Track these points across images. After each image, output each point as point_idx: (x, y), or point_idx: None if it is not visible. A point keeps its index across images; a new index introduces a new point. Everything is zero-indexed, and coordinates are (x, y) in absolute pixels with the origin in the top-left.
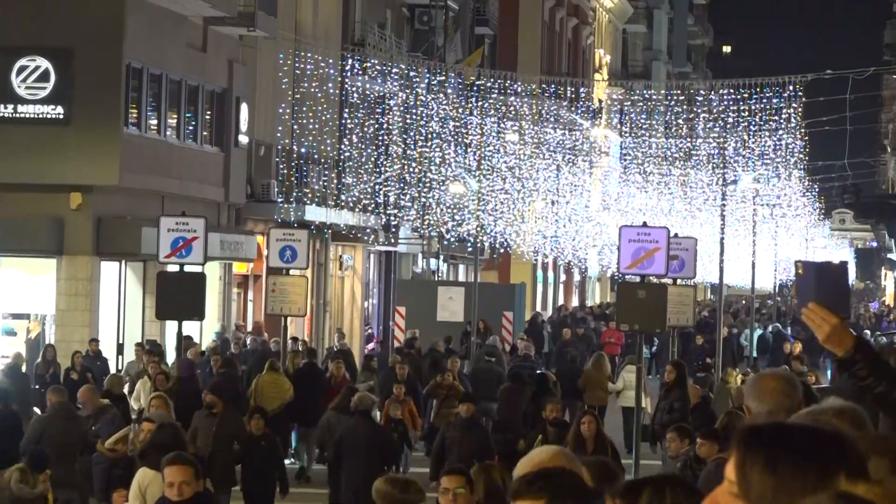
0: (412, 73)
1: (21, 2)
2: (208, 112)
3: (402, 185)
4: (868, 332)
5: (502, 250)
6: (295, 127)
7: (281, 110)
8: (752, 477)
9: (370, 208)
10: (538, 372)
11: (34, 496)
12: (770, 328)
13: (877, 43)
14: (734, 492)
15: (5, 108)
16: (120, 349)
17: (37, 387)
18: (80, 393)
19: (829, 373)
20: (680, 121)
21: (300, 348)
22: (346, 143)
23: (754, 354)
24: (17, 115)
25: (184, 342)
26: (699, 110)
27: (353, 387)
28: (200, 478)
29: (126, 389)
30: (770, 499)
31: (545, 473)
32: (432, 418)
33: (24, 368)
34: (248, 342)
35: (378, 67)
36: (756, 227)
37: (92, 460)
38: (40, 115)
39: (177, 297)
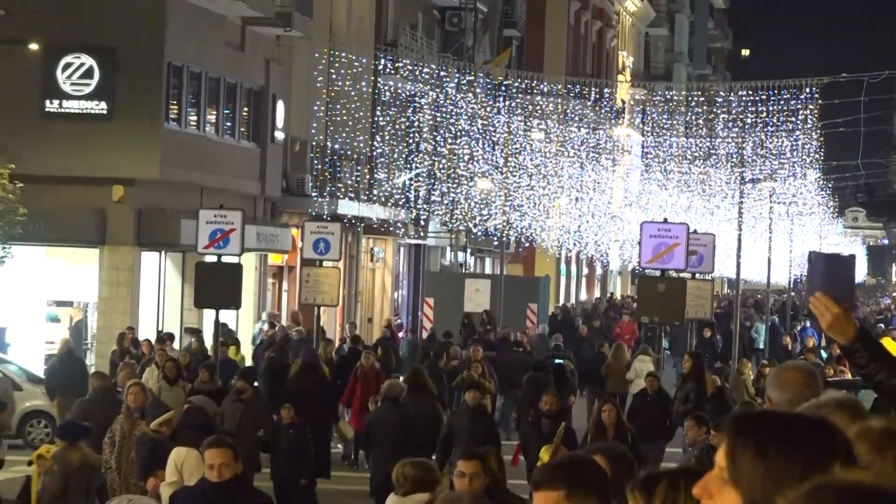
0: (442, 73)
1: (66, 1)
2: (245, 109)
3: (431, 180)
4: (882, 326)
5: (527, 244)
6: (329, 124)
7: (315, 108)
8: (743, 463)
9: (401, 203)
10: (556, 362)
11: (76, 467)
12: (768, 322)
13: (892, 47)
14: (724, 478)
15: (51, 103)
16: (169, 336)
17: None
18: (121, 378)
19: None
20: (700, 121)
21: (348, 334)
22: (378, 139)
23: (760, 346)
24: (63, 111)
25: (193, 333)
26: (718, 111)
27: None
28: (238, 460)
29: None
30: (760, 485)
31: (565, 463)
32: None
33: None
34: (293, 333)
35: (409, 67)
36: (772, 224)
37: (139, 440)
38: (84, 111)
39: (214, 286)
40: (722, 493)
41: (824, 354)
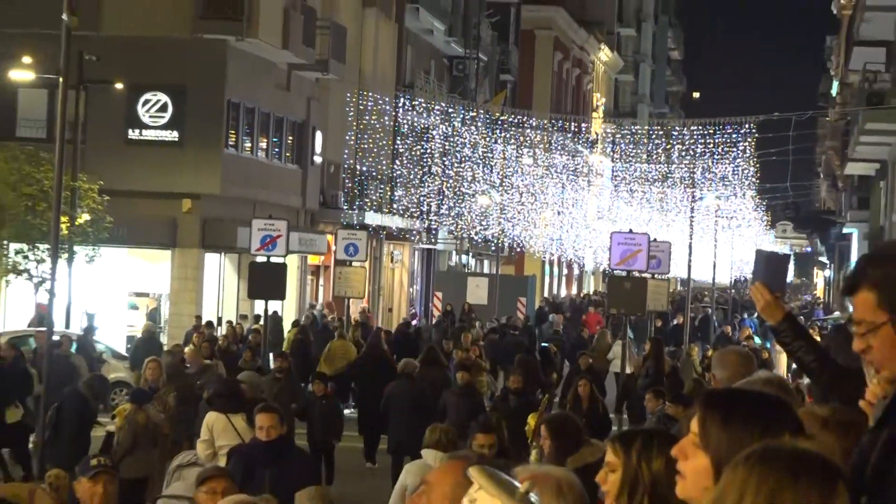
0: (450, 110)
1: (145, 47)
2: (290, 137)
3: (441, 197)
4: (803, 318)
5: (518, 249)
6: (357, 150)
7: (347, 137)
8: (711, 431)
9: (416, 215)
10: (542, 345)
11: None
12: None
13: (815, 91)
14: (696, 442)
15: (133, 132)
16: (219, 322)
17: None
18: (188, 355)
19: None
20: (659, 150)
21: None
22: (398, 163)
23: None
24: (142, 138)
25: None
26: (674, 142)
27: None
28: (284, 424)
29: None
30: (725, 448)
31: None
32: None
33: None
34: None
35: (423, 105)
36: (717, 234)
37: (199, 406)
38: (160, 139)
39: (264, 281)
40: (695, 454)
41: (758, 340)
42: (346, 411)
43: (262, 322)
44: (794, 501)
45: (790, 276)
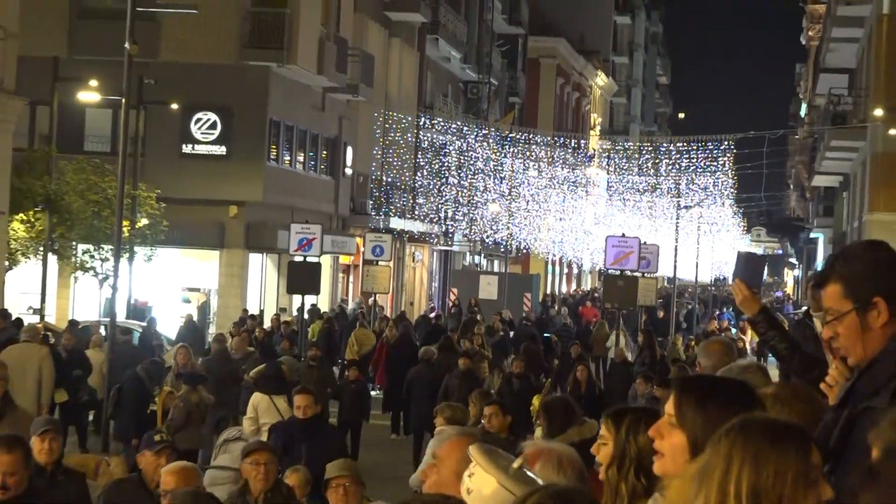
0: (465, 128)
1: (197, 72)
2: (324, 152)
3: (456, 204)
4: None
5: (524, 251)
6: (383, 163)
7: (374, 151)
8: (687, 413)
9: (434, 220)
10: (545, 335)
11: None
12: (687, 309)
13: (786, 113)
14: (673, 423)
15: (186, 146)
16: (261, 315)
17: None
18: (234, 343)
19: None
20: (648, 164)
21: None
22: (419, 175)
23: (684, 325)
24: (194, 152)
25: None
26: (661, 157)
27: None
28: (318, 404)
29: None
30: (700, 427)
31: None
32: None
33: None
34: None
35: (441, 123)
36: (699, 238)
37: (241, 388)
38: (210, 152)
39: (301, 278)
40: (671, 434)
41: (734, 331)
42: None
43: (295, 315)
44: (776, 465)
45: (765, 276)
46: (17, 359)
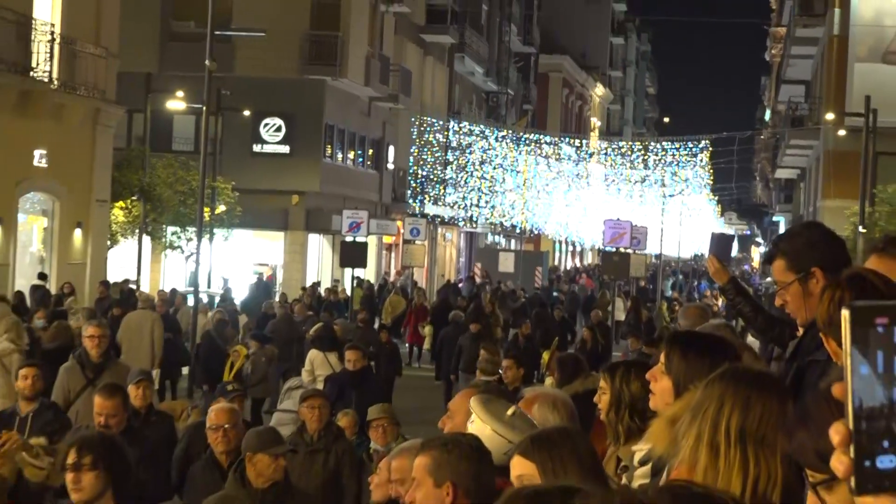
0: (486, 130)
1: (266, 84)
2: (371, 150)
3: (479, 193)
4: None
5: (536, 232)
6: (419, 160)
7: (411, 150)
8: (674, 361)
9: (461, 206)
10: (547, 298)
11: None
12: (672, 280)
13: (753, 117)
14: (662, 370)
15: (256, 146)
16: (318, 285)
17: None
18: (297, 309)
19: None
20: (639, 160)
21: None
22: (448, 169)
23: (668, 293)
24: (263, 151)
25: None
26: (650, 154)
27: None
28: (365, 358)
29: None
30: (683, 375)
31: (543, 436)
32: None
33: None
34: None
35: (467, 126)
36: (681, 221)
37: (304, 345)
38: (275, 151)
39: (351, 255)
40: (661, 378)
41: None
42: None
43: (344, 286)
44: (762, 408)
45: (735, 252)
46: (137, 322)
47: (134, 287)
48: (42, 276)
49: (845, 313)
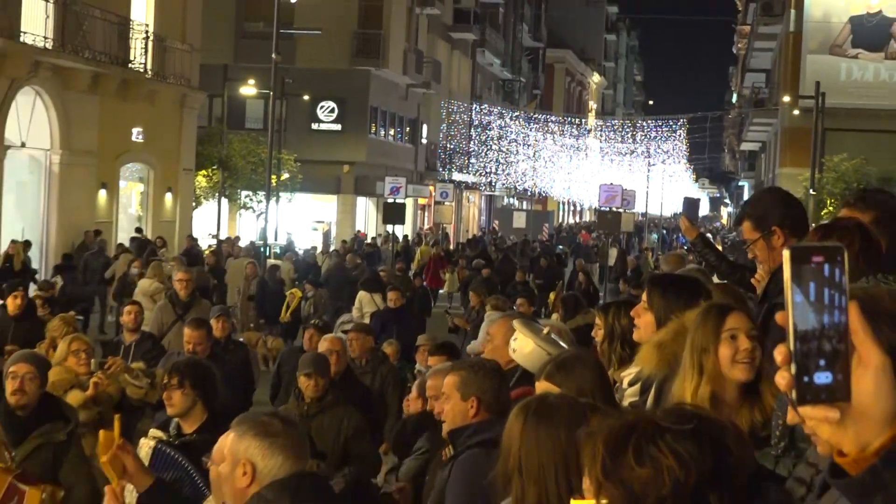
0: (502, 111)
1: (322, 73)
2: (408, 128)
3: (497, 163)
4: (710, 236)
5: (543, 195)
6: (448, 135)
7: (441, 127)
8: (654, 298)
9: (482, 174)
10: (557, 251)
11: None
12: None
13: (722, 99)
14: (645, 306)
15: (314, 124)
16: (357, 237)
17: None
18: (348, 258)
19: None
20: (628, 135)
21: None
22: (472, 143)
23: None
24: (319, 128)
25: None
26: (637, 131)
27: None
28: (403, 298)
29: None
30: (663, 311)
31: (560, 361)
32: None
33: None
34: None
35: (487, 108)
36: (663, 185)
37: (355, 289)
38: (330, 129)
39: (392, 214)
40: (645, 314)
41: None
42: None
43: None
44: (703, 329)
45: (706, 212)
46: (236, 269)
47: (213, 238)
48: (139, 231)
49: (786, 253)
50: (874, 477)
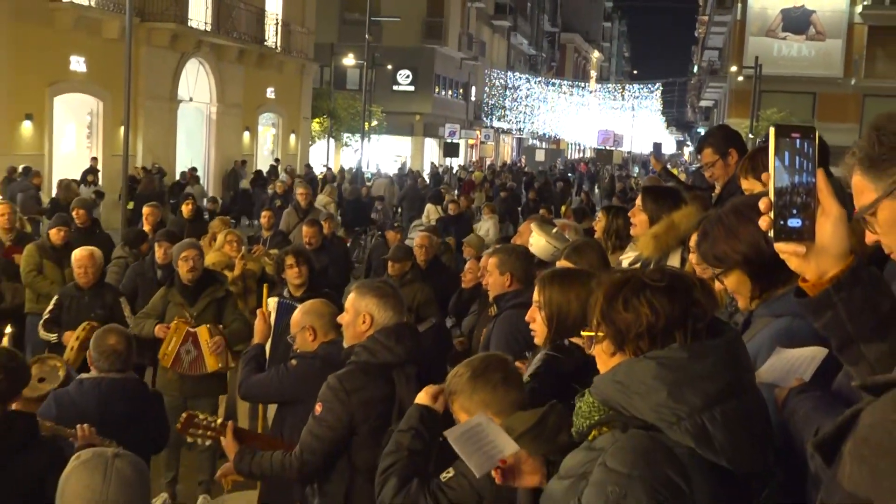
0: (529, 78)
1: (399, 51)
2: (461, 89)
3: (524, 115)
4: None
5: (557, 137)
6: (489, 94)
7: (485, 89)
8: (647, 202)
9: (514, 122)
10: (567, 178)
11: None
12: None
13: (687, 69)
14: (640, 208)
15: (395, 86)
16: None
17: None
18: (420, 181)
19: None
20: (618, 95)
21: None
22: (507, 100)
23: (634, 175)
24: (398, 89)
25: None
26: (626, 92)
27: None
28: (460, 208)
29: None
30: (653, 210)
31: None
32: None
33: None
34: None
35: (518, 75)
36: (643, 132)
37: (424, 202)
38: (406, 90)
39: (450, 150)
40: (639, 214)
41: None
42: None
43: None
44: (686, 215)
45: (674, 150)
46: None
47: (324, 167)
48: (277, 161)
49: (771, 129)
50: (827, 298)
